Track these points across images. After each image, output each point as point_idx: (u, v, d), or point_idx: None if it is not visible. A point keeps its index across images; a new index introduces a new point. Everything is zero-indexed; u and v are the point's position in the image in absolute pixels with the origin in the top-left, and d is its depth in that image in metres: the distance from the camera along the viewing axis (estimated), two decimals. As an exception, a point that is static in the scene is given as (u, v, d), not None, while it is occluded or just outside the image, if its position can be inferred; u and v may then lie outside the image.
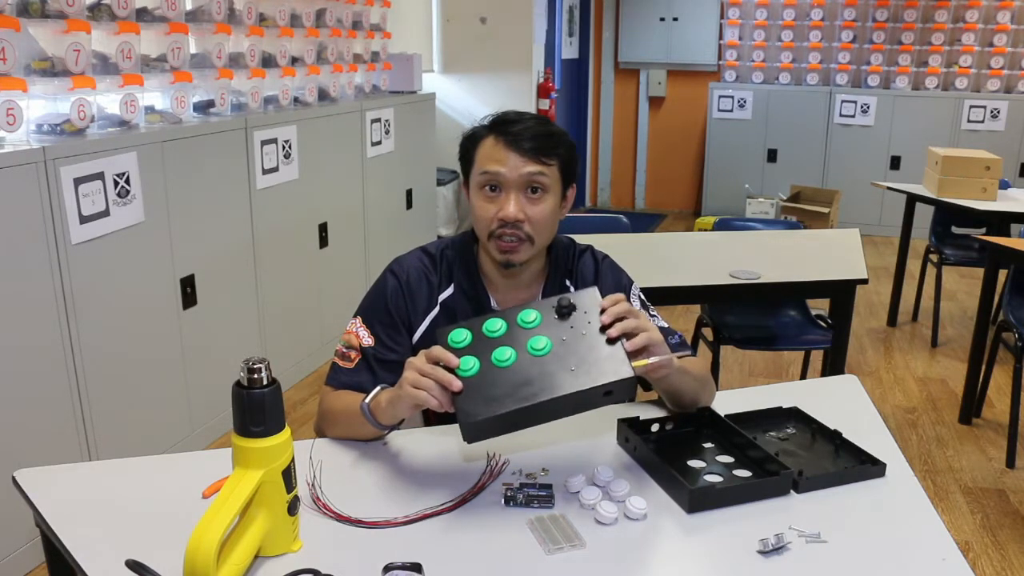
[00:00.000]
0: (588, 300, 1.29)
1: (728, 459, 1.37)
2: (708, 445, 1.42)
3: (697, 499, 1.23)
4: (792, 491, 1.28)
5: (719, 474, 1.33)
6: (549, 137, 1.47)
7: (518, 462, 1.35)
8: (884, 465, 1.34)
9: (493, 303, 1.57)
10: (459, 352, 1.24)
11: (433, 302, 1.56)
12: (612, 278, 1.64)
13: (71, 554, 1.12)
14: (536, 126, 1.47)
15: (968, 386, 3.34)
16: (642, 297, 1.66)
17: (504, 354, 1.23)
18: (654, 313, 1.63)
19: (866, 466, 1.34)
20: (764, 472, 1.31)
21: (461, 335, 1.27)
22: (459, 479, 1.30)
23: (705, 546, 1.16)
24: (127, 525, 1.18)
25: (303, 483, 1.25)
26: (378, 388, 1.37)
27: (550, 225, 1.50)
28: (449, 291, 1.57)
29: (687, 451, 1.40)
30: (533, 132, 1.45)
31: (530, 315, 1.28)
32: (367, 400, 1.35)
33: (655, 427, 1.45)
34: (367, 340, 1.52)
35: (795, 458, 1.38)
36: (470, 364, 1.23)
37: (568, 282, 1.61)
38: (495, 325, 1.28)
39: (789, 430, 1.49)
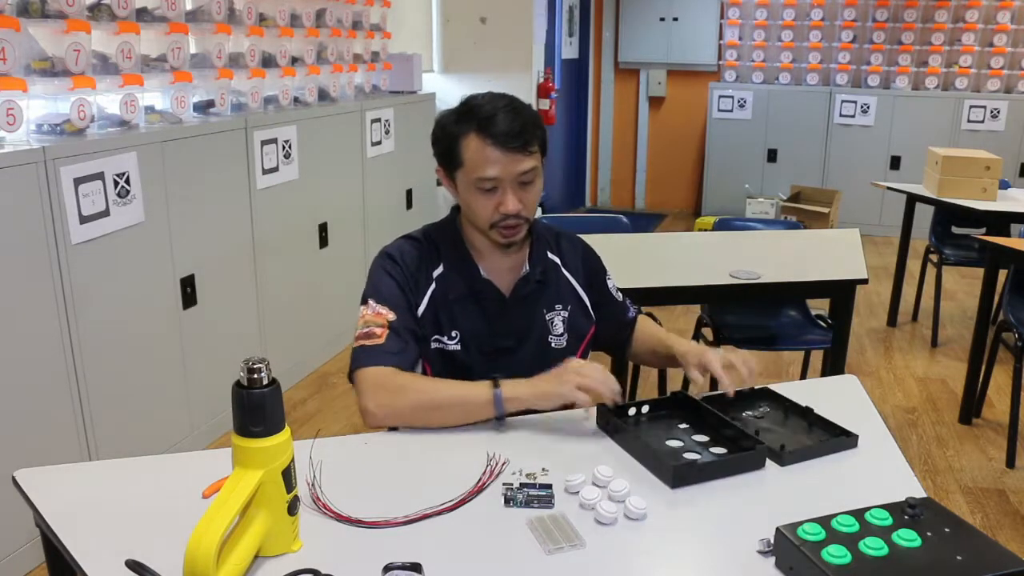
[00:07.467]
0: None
1: (704, 438, 1.45)
2: (683, 426, 1.50)
3: (680, 474, 1.30)
4: (777, 464, 1.37)
5: (696, 452, 1.40)
6: (526, 125, 1.52)
7: (518, 462, 1.35)
8: (856, 436, 1.43)
9: (483, 272, 1.63)
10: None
11: (429, 278, 1.62)
12: (594, 259, 1.79)
13: (71, 554, 1.11)
14: (511, 115, 1.51)
15: (968, 386, 3.34)
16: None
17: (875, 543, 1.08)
18: (610, 277, 1.81)
19: (840, 438, 1.44)
20: (739, 448, 1.39)
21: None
22: (459, 479, 1.30)
23: (705, 547, 1.16)
24: (127, 525, 1.18)
25: (303, 483, 1.25)
26: (496, 379, 1.45)
27: (539, 200, 1.60)
28: (440, 268, 1.63)
29: (664, 432, 1.47)
30: (512, 125, 1.50)
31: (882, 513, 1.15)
32: (500, 391, 1.43)
33: (632, 411, 1.52)
34: (390, 315, 1.55)
35: (773, 434, 1.47)
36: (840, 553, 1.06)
37: (550, 254, 1.71)
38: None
39: (763, 408, 1.58)
